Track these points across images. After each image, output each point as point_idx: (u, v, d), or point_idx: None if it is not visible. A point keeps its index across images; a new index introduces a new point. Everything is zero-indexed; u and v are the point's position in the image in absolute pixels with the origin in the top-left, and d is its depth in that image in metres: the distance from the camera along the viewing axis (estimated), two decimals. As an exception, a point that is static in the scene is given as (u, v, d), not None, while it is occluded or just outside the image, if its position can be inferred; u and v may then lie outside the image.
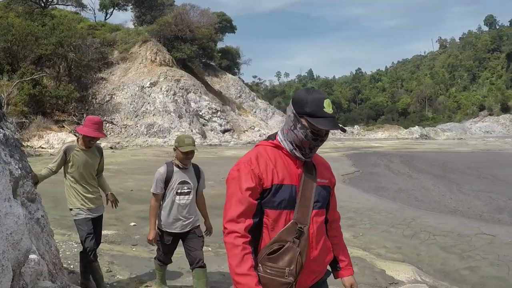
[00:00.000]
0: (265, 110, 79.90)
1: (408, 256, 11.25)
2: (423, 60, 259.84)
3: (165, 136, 50.66)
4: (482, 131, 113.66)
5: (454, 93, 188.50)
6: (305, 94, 3.68)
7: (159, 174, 7.21)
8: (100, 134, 7.82)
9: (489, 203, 19.25)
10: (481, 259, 11.00)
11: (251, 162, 3.64)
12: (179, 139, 7.16)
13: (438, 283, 9.44)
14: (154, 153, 37.97)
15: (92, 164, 8.06)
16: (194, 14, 71.47)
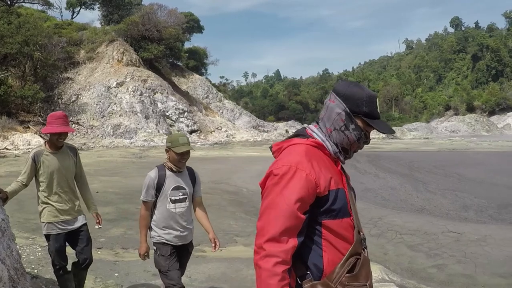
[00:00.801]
0: (232, 111, 79.70)
1: (375, 255, 11.31)
2: (389, 60, 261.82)
3: (131, 137, 50.34)
4: (448, 131, 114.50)
5: (420, 93, 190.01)
6: (360, 90, 3.27)
7: (149, 179, 6.34)
8: (67, 128, 6.97)
9: (455, 202, 19.50)
10: (448, 257, 11.15)
11: (303, 164, 3.05)
12: (172, 139, 6.38)
13: (406, 282, 9.55)
14: (120, 154, 37.76)
15: (67, 168, 7.14)
16: (161, 14, 71.00)
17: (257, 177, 25.07)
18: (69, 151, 7.29)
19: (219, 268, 9.58)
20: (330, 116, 3.29)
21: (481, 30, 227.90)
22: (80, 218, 7.30)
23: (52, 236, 7.05)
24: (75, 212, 7.21)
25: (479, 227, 14.56)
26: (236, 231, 13.02)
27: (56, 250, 7.04)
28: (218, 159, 35.66)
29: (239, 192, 20.27)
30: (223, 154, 40.72)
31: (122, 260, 9.99)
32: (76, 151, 7.51)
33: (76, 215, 7.24)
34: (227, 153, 42.10)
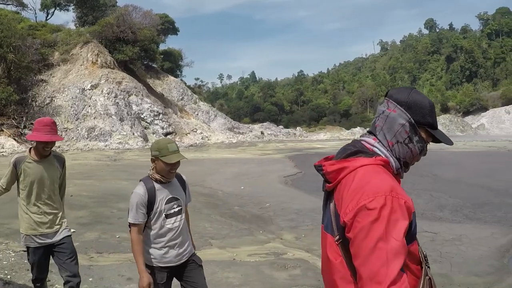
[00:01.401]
0: (207, 113, 79.59)
1: (350, 258, 11.18)
2: (364, 62, 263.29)
3: (106, 139, 50.04)
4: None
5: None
6: (422, 98, 3.03)
7: (138, 196, 5.36)
8: (54, 137, 6.47)
9: (430, 201, 19.53)
10: (423, 257, 11.10)
11: (397, 191, 2.73)
12: (159, 146, 5.45)
13: (380, 283, 9.48)
14: (95, 157, 37.53)
15: (51, 178, 6.63)
16: (136, 15, 70.68)
17: (233, 179, 25.07)
18: (55, 161, 6.82)
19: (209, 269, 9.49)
20: (391, 127, 3.04)
21: (455, 31, 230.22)
22: (62, 231, 6.77)
23: (30, 249, 6.68)
24: (56, 225, 6.73)
25: (454, 227, 14.60)
26: (211, 233, 12.95)
27: (34, 263, 6.71)
28: (193, 161, 35.48)
29: (214, 194, 20.19)
30: (198, 156, 40.57)
31: (97, 264, 9.87)
32: (63, 162, 7.01)
33: (58, 228, 6.74)
34: (202, 155, 42.00)
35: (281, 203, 17.97)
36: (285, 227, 14.26)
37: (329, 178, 3.04)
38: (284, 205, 17.65)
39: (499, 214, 17.03)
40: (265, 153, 45.57)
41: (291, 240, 12.72)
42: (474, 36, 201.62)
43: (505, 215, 16.81)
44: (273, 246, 11.90)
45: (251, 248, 11.55)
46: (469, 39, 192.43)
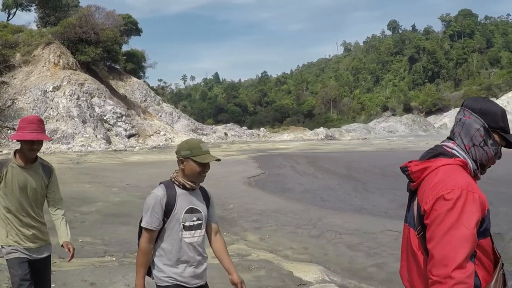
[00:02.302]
0: (171, 114, 79.38)
1: (315, 256, 11.31)
2: (328, 63, 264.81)
3: (68, 142, 49.55)
4: (385, 131, 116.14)
5: (358, 94, 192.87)
6: (494, 105, 3.28)
7: (155, 198, 4.62)
8: (41, 136, 5.59)
9: (394, 200, 19.62)
10: (387, 256, 11.15)
11: (473, 186, 3.03)
12: (191, 145, 4.75)
13: (346, 282, 9.52)
14: (57, 160, 37.07)
15: (34, 187, 5.74)
16: (99, 16, 70.14)
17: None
18: (41, 169, 5.89)
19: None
20: (467, 132, 3.30)
21: (418, 33, 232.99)
22: (45, 248, 5.94)
23: (13, 261, 5.65)
24: (40, 241, 5.85)
25: (418, 226, 14.63)
26: (175, 235, 12.83)
27: (21, 280, 5.57)
28: (157, 163, 35.37)
29: (178, 196, 20.03)
30: (162, 158, 40.44)
31: (59, 270, 9.67)
32: (51, 170, 6.07)
33: (42, 244, 5.87)
34: (166, 157, 41.74)
35: (244, 204, 17.92)
36: (249, 228, 14.20)
37: (414, 177, 3.41)
38: (247, 206, 17.60)
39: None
40: (229, 154, 45.49)
41: (255, 241, 12.67)
42: (437, 38, 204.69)
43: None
44: (237, 248, 11.83)
45: (216, 250, 11.41)
46: (432, 40, 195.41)
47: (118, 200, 17.55)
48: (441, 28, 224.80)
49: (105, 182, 23.97)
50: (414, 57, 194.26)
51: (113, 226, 13.91)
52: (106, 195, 19.65)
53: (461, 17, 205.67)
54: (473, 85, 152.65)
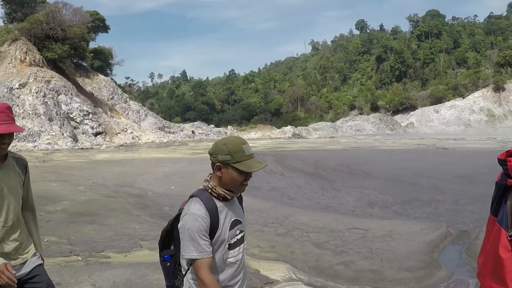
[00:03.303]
0: (138, 112, 78.99)
1: (282, 254, 11.30)
2: (295, 61, 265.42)
3: (34, 140, 49.06)
4: (353, 130, 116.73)
5: (326, 93, 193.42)
6: None
7: (198, 221, 3.68)
8: (13, 127, 4.49)
9: (360, 198, 19.69)
10: (354, 254, 11.20)
11: None
12: (232, 147, 3.84)
13: (313, 280, 9.54)
14: (23, 158, 36.79)
15: (13, 190, 4.66)
16: (66, 12, 69.44)
17: (163, 179, 24.86)
18: (15, 164, 4.81)
19: (124, 274, 9.27)
20: None
21: (385, 32, 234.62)
22: (31, 261, 4.79)
23: None
24: (23, 254, 4.75)
25: (385, 223, 14.73)
26: (141, 235, 12.77)
27: None
28: (123, 161, 35.15)
29: (144, 195, 19.94)
30: (129, 156, 40.23)
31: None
32: (26, 165, 5.00)
33: (25, 257, 4.77)
34: (133, 155, 41.62)
35: (212, 203, 17.83)
36: (217, 227, 14.15)
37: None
38: (215, 204, 17.52)
39: (428, 210, 17.29)
40: (196, 152, 45.36)
41: (222, 240, 12.63)
42: (404, 37, 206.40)
43: (434, 210, 17.10)
44: (204, 247, 11.75)
45: (182, 250, 11.36)
46: (399, 40, 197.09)
47: (84, 199, 17.41)
48: (408, 28, 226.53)
49: (72, 181, 23.77)
50: (382, 56, 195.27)
51: (79, 225, 13.78)
52: (72, 194, 19.43)
53: (429, 18, 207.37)
54: (440, 85, 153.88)
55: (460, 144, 59.89)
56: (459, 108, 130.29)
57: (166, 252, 4.12)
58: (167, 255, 4.11)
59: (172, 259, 4.07)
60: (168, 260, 4.10)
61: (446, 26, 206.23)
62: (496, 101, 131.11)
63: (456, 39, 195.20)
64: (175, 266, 4.05)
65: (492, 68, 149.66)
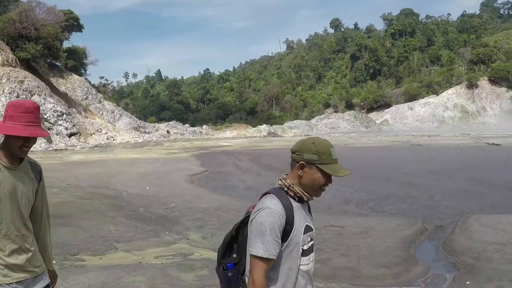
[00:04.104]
0: (113, 112, 78.64)
1: (256, 253, 11.15)
2: (270, 60, 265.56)
3: (8, 140, 48.63)
4: (328, 127, 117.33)
5: (301, 92, 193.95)
6: None
7: (274, 216, 3.35)
8: (40, 132, 4.08)
9: (336, 196, 19.73)
10: (331, 251, 11.19)
11: None
12: (320, 148, 3.54)
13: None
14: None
15: (26, 195, 4.22)
16: (40, 11, 68.82)
17: (138, 180, 24.75)
18: (30, 169, 4.37)
19: (99, 277, 9.15)
20: None
21: (360, 31, 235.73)
22: (43, 277, 4.34)
23: None
24: (35, 267, 4.27)
25: (361, 220, 14.78)
26: (116, 236, 12.66)
27: None
28: (98, 162, 34.94)
29: (119, 196, 19.80)
30: (103, 157, 40.01)
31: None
32: (40, 171, 4.55)
33: (38, 272, 4.28)
34: (108, 156, 41.40)
35: (187, 203, 17.80)
36: (192, 227, 14.10)
37: None
38: (190, 204, 17.48)
39: (403, 206, 17.41)
40: (171, 152, 45.32)
41: (197, 240, 12.58)
42: (379, 36, 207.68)
43: (410, 206, 17.25)
44: (179, 247, 11.73)
45: (157, 250, 11.34)
46: (374, 39, 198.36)
47: (58, 201, 17.19)
48: (383, 26, 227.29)
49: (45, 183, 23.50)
50: (356, 55, 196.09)
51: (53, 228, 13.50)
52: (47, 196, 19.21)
53: (403, 16, 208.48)
54: (414, 82, 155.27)
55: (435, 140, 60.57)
56: (433, 105, 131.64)
57: (228, 260, 3.70)
58: (230, 263, 3.68)
59: (235, 268, 3.66)
60: (231, 269, 3.67)
61: (420, 25, 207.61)
62: (469, 98, 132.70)
63: (429, 37, 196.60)
64: (237, 276, 3.63)
65: (465, 66, 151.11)
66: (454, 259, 10.93)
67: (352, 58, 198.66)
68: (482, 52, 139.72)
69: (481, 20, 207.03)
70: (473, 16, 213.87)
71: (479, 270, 9.96)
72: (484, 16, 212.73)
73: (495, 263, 10.29)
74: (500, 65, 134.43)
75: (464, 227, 13.59)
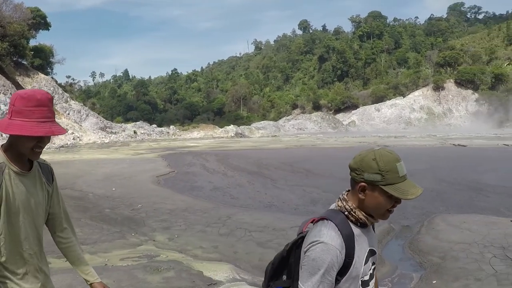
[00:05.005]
0: (79, 112, 78.03)
1: (225, 255, 11.29)
2: (238, 61, 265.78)
3: (-28, 140, 48.21)
4: (295, 128, 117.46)
5: (268, 92, 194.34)
6: None
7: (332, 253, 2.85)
8: (57, 129, 3.37)
9: (303, 196, 19.83)
10: (298, 252, 11.17)
11: None
12: (384, 164, 2.93)
13: (257, 279, 9.48)
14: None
15: (40, 205, 3.60)
16: (6, 8, 68.20)
17: (104, 181, 24.58)
18: (41, 171, 3.70)
19: (65, 280, 9.02)
20: None
21: (328, 33, 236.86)
22: None
23: None
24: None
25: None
26: (81, 239, 12.48)
27: None
28: (64, 163, 34.60)
29: (85, 197, 19.64)
30: (69, 157, 39.62)
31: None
32: (52, 172, 3.84)
33: None
34: (74, 156, 41.02)
35: (153, 204, 17.70)
36: (158, 228, 14.03)
37: None
38: (156, 205, 17.38)
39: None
40: (138, 152, 45.10)
41: (164, 241, 12.52)
42: (346, 38, 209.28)
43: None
44: (145, 249, 11.67)
45: (123, 252, 11.28)
46: (342, 41, 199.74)
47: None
48: (351, 29, 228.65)
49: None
50: (324, 56, 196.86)
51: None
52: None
53: (371, 19, 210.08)
54: (381, 84, 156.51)
55: (401, 141, 61.01)
56: (399, 106, 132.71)
57: (278, 284, 3.29)
58: (279, 287, 3.28)
59: None
60: None
61: (388, 27, 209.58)
62: (435, 100, 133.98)
63: (397, 40, 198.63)
64: None
65: (432, 68, 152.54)
66: (421, 258, 11.06)
67: (320, 59, 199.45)
68: (448, 55, 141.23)
69: (448, 23, 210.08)
70: (440, 20, 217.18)
71: (445, 269, 10.09)
72: (451, 20, 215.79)
73: (461, 262, 10.40)
74: (466, 68, 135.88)
75: (430, 226, 13.73)
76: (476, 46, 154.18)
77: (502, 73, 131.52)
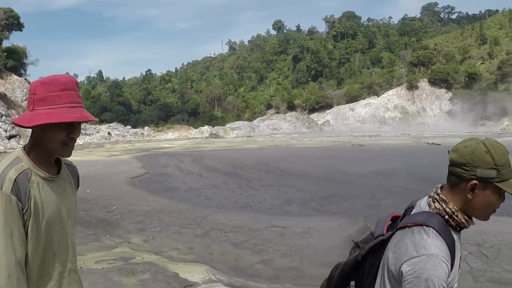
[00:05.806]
0: (53, 113, 77.67)
1: (200, 256, 11.22)
2: (212, 61, 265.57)
3: None
4: (270, 129, 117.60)
5: (243, 93, 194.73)
6: None
7: (442, 265, 2.38)
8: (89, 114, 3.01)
9: (278, 196, 19.86)
10: (273, 252, 11.19)
11: None
12: (499, 158, 2.47)
13: (233, 280, 9.46)
14: None
15: (71, 214, 3.12)
16: (-21, 9, 68.06)
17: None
18: (68, 172, 3.25)
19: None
20: None
21: (302, 33, 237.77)
22: None
23: None
24: None
25: (303, 220, 14.83)
26: (55, 240, 12.41)
27: None
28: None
29: (59, 199, 19.48)
30: (44, 159, 39.31)
31: None
32: (78, 175, 3.46)
33: None
34: (48, 157, 40.70)
35: (128, 206, 17.57)
36: (133, 230, 13.93)
37: None
38: (131, 207, 17.26)
39: (345, 205, 17.61)
40: (112, 154, 44.89)
41: (139, 243, 12.43)
42: (321, 38, 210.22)
43: (351, 206, 17.46)
44: (121, 251, 11.55)
45: (98, 255, 11.13)
46: (316, 41, 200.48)
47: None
48: (325, 29, 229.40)
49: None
50: (298, 56, 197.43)
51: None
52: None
53: (345, 19, 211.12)
54: (355, 84, 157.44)
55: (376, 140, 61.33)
56: (374, 106, 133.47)
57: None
58: None
59: None
60: None
61: (362, 27, 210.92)
62: (409, 99, 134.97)
63: (371, 40, 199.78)
64: None
65: (405, 68, 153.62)
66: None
67: (294, 59, 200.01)
68: (422, 54, 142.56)
69: (421, 23, 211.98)
70: (414, 20, 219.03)
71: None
72: (424, 20, 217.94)
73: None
74: (440, 67, 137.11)
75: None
76: (450, 45, 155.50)
77: (475, 72, 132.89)
